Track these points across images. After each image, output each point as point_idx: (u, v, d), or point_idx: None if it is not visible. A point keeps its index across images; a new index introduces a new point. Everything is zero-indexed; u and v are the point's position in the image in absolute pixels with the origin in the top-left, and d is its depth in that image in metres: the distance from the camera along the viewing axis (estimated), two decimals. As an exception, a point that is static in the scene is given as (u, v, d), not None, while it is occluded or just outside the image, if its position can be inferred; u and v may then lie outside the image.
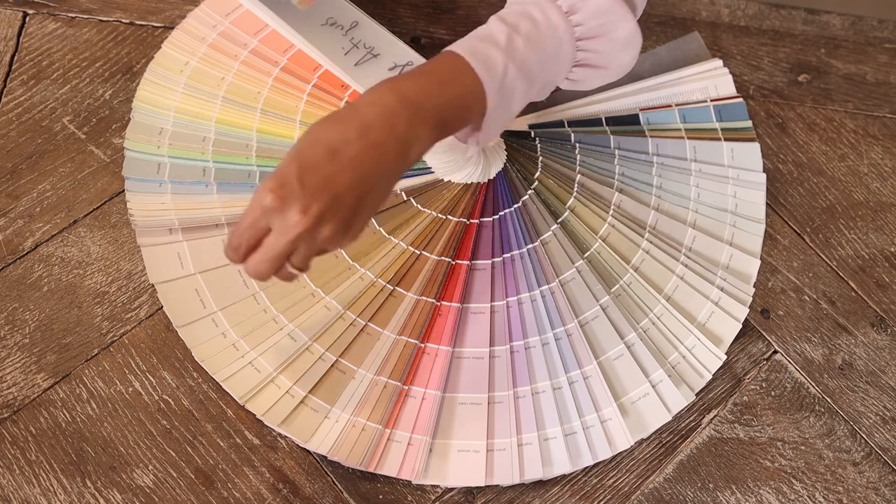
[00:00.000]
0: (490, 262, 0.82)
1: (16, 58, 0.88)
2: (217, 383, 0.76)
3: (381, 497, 0.74)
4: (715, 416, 0.79)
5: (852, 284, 0.86)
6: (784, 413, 0.80)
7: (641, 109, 0.90)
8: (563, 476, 0.76)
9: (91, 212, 0.83)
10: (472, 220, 0.84)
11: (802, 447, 0.79)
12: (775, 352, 0.82)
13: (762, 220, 0.87)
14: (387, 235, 0.82)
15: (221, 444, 0.75)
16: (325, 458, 0.75)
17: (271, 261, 0.64)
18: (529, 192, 0.86)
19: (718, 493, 0.77)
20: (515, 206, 0.85)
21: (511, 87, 0.71)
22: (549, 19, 0.71)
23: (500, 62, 0.69)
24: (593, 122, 0.89)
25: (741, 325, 0.82)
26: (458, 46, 0.70)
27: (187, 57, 0.89)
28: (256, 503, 0.73)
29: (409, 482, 0.75)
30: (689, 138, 0.89)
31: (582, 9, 0.72)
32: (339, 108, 0.67)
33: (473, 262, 0.82)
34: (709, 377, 0.80)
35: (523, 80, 0.71)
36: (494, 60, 0.69)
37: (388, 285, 0.80)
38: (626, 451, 0.77)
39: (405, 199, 0.84)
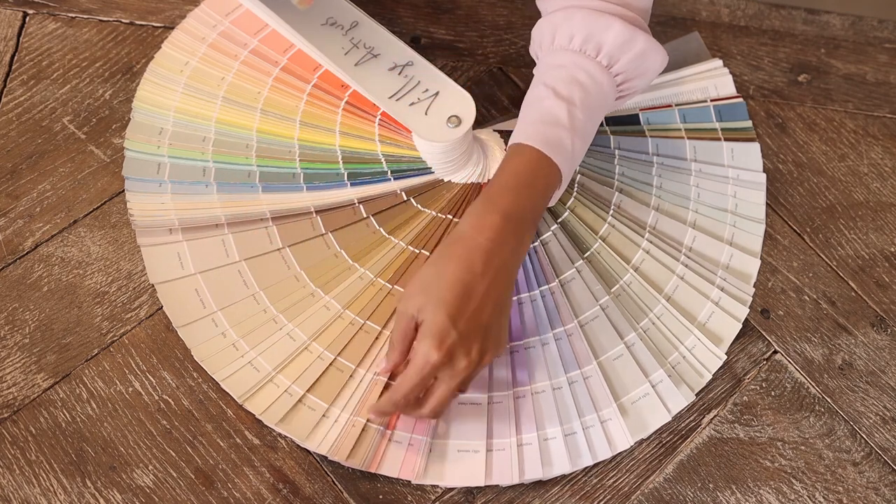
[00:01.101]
0: (490, 262, 0.82)
1: (16, 58, 0.88)
2: (217, 383, 0.76)
3: (381, 497, 0.74)
4: (715, 416, 0.79)
5: (852, 284, 0.86)
6: (784, 413, 0.80)
7: (641, 109, 0.90)
8: (563, 476, 0.76)
9: (91, 212, 0.83)
10: (472, 220, 0.84)
11: (802, 447, 0.79)
12: (775, 352, 0.82)
13: (762, 220, 0.87)
14: (387, 235, 0.82)
15: (221, 444, 0.75)
16: (325, 458, 0.75)
17: (445, 405, 0.71)
18: (529, 192, 0.86)
19: (718, 493, 0.77)
20: (515, 206, 0.85)
21: (579, 154, 0.77)
22: (595, 79, 0.76)
23: (569, 142, 0.75)
24: (593, 122, 0.89)
25: (741, 325, 0.82)
26: (529, 138, 0.74)
27: (187, 57, 0.89)
28: (256, 503, 0.73)
29: (409, 482, 0.75)
30: (689, 138, 0.89)
31: (620, 59, 0.76)
32: (444, 244, 0.73)
33: (473, 262, 0.82)
34: (709, 377, 0.80)
35: (583, 144, 0.77)
36: (564, 143, 0.75)
37: (387, 284, 0.80)
38: (626, 451, 0.77)
39: (405, 199, 0.84)
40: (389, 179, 0.85)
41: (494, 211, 0.72)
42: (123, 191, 0.83)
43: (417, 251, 0.82)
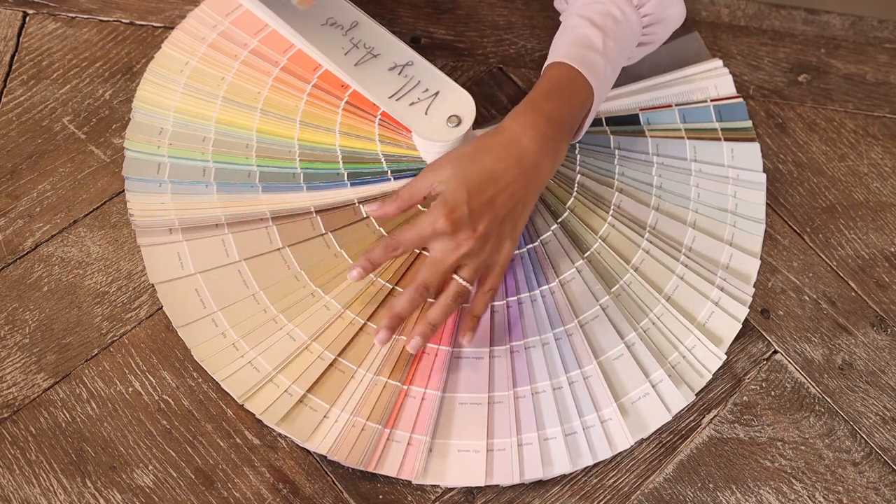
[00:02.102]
0: (490, 262, 0.82)
1: (16, 58, 0.88)
2: (217, 383, 0.76)
3: (381, 497, 0.74)
4: (715, 416, 0.79)
5: (852, 284, 0.86)
6: (784, 413, 0.80)
7: (641, 109, 0.90)
8: (563, 476, 0.76)
9: (91, 212, 0.83)
10: (472, 220, 0.84)
11: (802, 447, 0.79)
12: (775, 352, 0.82)
13: (762, 220, 0.87)
14: (387, 235, 0.82)
15: (221, 444, 0.75)
16: (325, 458, 0.75)
17: (441, 274, 0.74)
18: (529, 192, 0.86)
19: (718, 493, 0.77)
20: (515, 206, 0.85)
21: (608, 84, 0.81)
22: (627, 16, 0.81)
23: (602, 66, 0.79)
24: (593, 121, 0.89)
25: (741, 325, 0.82)
26: (567, 57, 0.78)
27: (187, 57, 0.89)
28: (256, 503, 0.73)
29: (409, 482, 0.75)
30: (689, 138, 0.89)
31: (648, 1, 0.81)
32: (489, 134, 0.76)
33: (473, 262, 0.82)
34: (709, 377, 0.80)
35: (613, 73, 0.81)
36: (598, 66, 0.79)
37: (387, 284, 0.80)
38: (626, 451, 0.77)
39: (405, 199, 0.84)
40: (389, 179, 0.85)
41: (539, 113, 0.76)
42: (123, 191, 0.83)
43: (418, 251, 0.82)
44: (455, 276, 0.75)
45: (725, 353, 0.80)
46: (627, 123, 0.89)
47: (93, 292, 0.80)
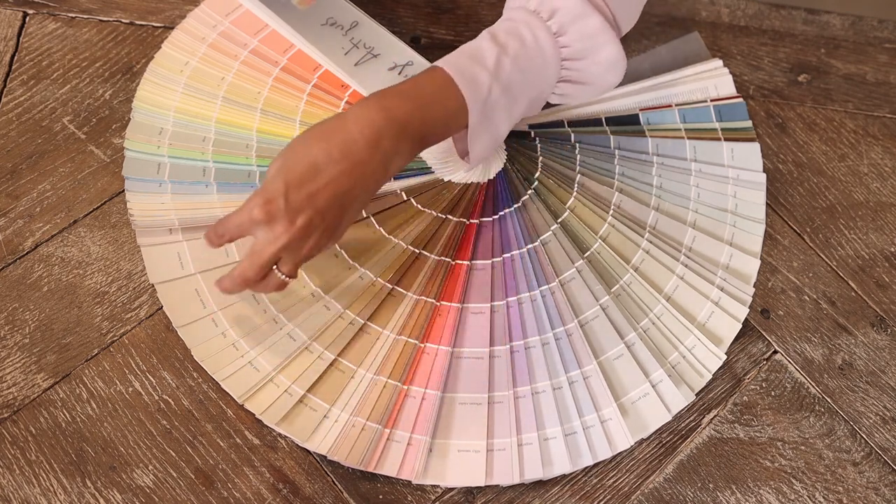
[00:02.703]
0: (490, 261, 0.82)
1: (16, 58, 0.88)
2: (217, 383, 0.76)
3: (381, 497, 0.74)
4: (715, 416, 0.79)
5: (852, 284, 0.86)
6: (784, 413, 0.80)
7: (641, 109, 0.90)
8: (563, 476, 0.76)
9: (91, 212, 0.83)
10: (471, 220, 0.84)
11: (802, 447, 0.79)
12: (775, 352, 0.82)
13: (762, 220, 0.87)
14: (387, 235, 0.82)
15: (221, 444, 0.75)
16: (325, 458, 0.75)
17: (259, 267, 0.70)
18: (529, 191, 0.86)
19: (718, 493, 0.77)
20: (515, 205, 0.85)
21: (494, 106, 0.74)
22: (538, 41, 0.75)
23: (486, 82, 0.73)
24: (593, 122, 0.89)
25: (741, 325, 0.82)
26: (447, 63, 0.73)
27: (187, 57, 0.89)
28: (256, 503, 0.73)
29: (409, 482, 0.75)
30: (689, 138, 0.89)
31: (569, 31, 0.75)
32: (328, 120, 0.71)
33: (473, 261, 0.82)
34: (709, 377, 0.80)
35: (507, 98, 0.75)
36: (480, 81, 0.73)
37: (387, 285, 0.80)
38: (626, 451, 0.77)
39: (405, 198, 0.84)
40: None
41: (380, 108, 0.70)
42: (123, 191, 0.83)
43: (418, 251, 0.82)
44: (275, 269, 0.71)
45: (725, 353, 0.80)
46: (627, 123, 0.89)
47: (93, 292, 0.80)
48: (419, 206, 0.84)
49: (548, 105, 0.88)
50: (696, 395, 0.79)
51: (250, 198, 0.69)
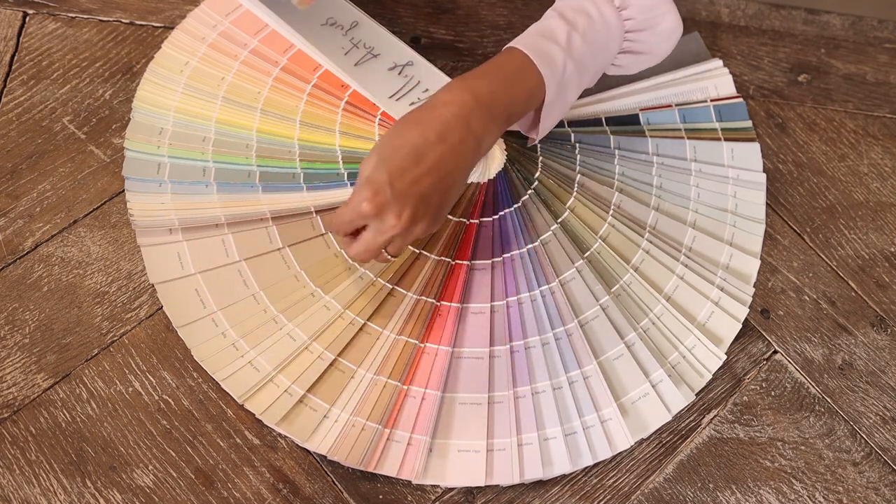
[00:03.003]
0: (490, 261, 0.82)
1: (16, 58, 0.88)
2: (217, 383, 0.76)
3: (381, 497, 0.74)
4: (715, 416, 0.79)
5: (852, 284, 0.86)
6: (784, 413, 0.80)
7: (641, 109, 0.90)
8: (563, 476, 0.76)
9: (91, 212, 0.83)
10: (472, 220, 0.84)
11: (802, 447, 0.79)
12: (775, 352, 0.82)
13: (762, 220, 0.87)
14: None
15: (221, 444, 0.75)
16: (325, 458, 0.75)
17: (370, 252, 0.73)
18: (529, 191, 0.86)
19: (718, 493, 0.77)
20: (515, 205, 0.85)
21: (567, 81, 0.77)
22: (604, 15, 0.77)
23: (560, 59, 0.75)
24: (593, 122, 0.89)
25: (741, 325, 0.82)
26: (522, 43, 0.76)
27: (187, 57, 0.89)
28: (256, 503, 0.73)
29: (409, 482, 0.75)
30: (689, 138, 0.89)
31: (632, 4, 0.78)
32: (417, 108, 0.73)
33: (473, 261, 0.82)
34: (709, 377, 0.80)
35: (578, 73, 0.77)
36: (555, 58, 0.75)
37: (387, 284, 0.80)
38: (626, 451, 0.77)
39: (405, 199, 0.84)
40: (389, 179, 0.85)
41: (467, 89, 0.73)
42: (123, 191, 0.83)
43: (418, 251, 0.82)
44: (384, 251, 0.73)
45: (725, 353, 0.80)
46: (627, 123, 0.89)
47: (93, 292, 0.80)
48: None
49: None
50: (696, 395, 0.79)
51: (356, 191, 0.71)
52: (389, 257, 0.74)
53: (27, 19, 0.90)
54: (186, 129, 0.86)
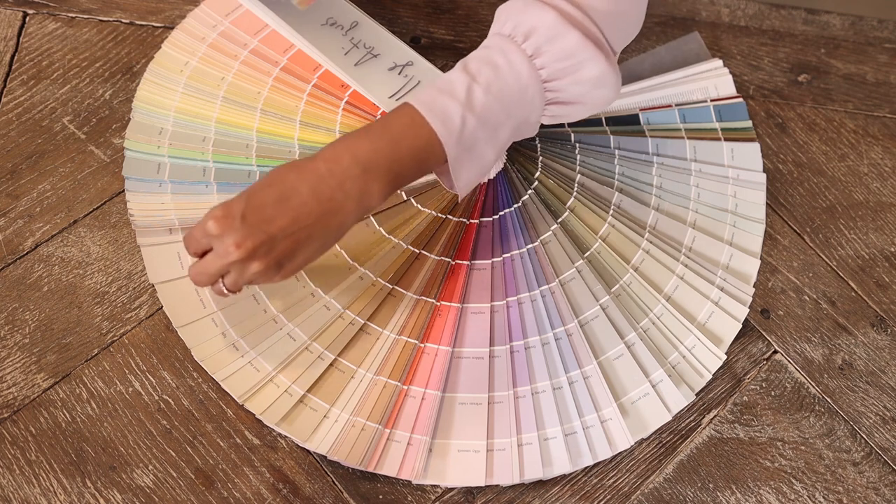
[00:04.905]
0: (490, 262, 0.82)
1: (16, 58, 0.88)
2: (217, 383, 0.76)
3: (381, 497, 0.74)
4: (715, 416, 0.79)
5: (852, 284, 0.86)
6: (784, 413, 0.80)
7: (641, 109, 0.90)
8: (563, 476, 0.76)
9: (91, 212, 0.83)
10: (471, 220, 0.84)
11: (802, 447, 0.79)
12: (775, 352, 0.82)
13: (762, 220, 0.87)
14: (387, 235, 0.82)
15: (221, 444, 0.75)
16: (325, 457, 0.75)
17: (205, 275, 0.70)
18: (529, 191, 0.86)
19: (718, 493, 0.77)
20: (515, 206, 0.85)
21: (472, 138, 0.72)
22: (513, 65, 0.73)
23: (458, 115, 0.71)
24: (593, 122, 0.89)
25: (741, 325, 0.82)
26: (417, 99, 0.72)
27: (187, 57, 0.89)
28: (256, 503, 0.73)
29: (409, 482, 0.75)
30: (689, 138, 0.89)
31: (547, 52, 0.73)
32: (304, 158, 0.71)
33: (473, 261, 0.82)
34: (709, 377, 0.80)
35: (486, 129, 0.73)
36: (451, 113, 0.71)
37: (387, 285, 0.80)
38: (626, 451, 0.77)
39: (405, 198, 0.84)
40: (389, 179, 0.85)
41: (346, 149, 0.70)
42: (123, 191, 0.83)
43: (417, 251, 0.82)
44: (220, 281, 0.70)
45: (725, 353, 0.80)
46: (627, 123, 0.89)
47: (93, 292, 0.80)
48: (419, 206, 0.84)
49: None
50: (696, 395, 0.79)
51: (211, 209, 0.69)
52: (225, 290, 0.70)
53: (27, 19, 0.90)
54: (186, 129, 0.86)
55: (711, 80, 0.91)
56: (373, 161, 0.70)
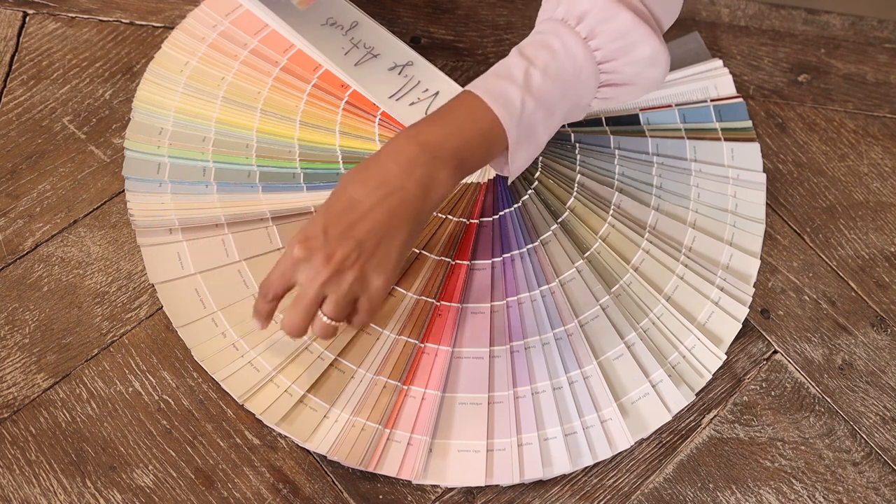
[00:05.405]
0: (490, 261, 0.82)
1: (16, 58, 0.88)
2: (217, 383, 0.76)
3: (381, 497, 0.74)
4: (715, 416, 0.79)
5: (852, 284, 0.86)
6: (784, 413, 0.80)
7: (641, 109, 0.90)
8: (563, 476, 0.76)
9: (91, 212, 0.83)
10: (471, 220, 0.84)
11: (802, 447, 0.79)
12: (775, 352, 0.82)
13: (762, 220, 0.87)
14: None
15: (221, 444, 0.75)
16: (325, 458, 0.75)
17: (303, 309, 0.69)
18: (529, 191, 0.86)
19: (718, 493, 0.77)
20: (515, 206, 0.85)
21: (531, 121, 0.73)
22: (568, 48, 0.73)
23: (518, 98, 0.72)
24: (593, 122, 0.89)
25: (741, 325, 0.82)
26: (476, 85, 0.73)
27: (187, 57, 0.89)
28: (256, 503, 0.73)
29: (409, 482, 0.75)
30: (689, 138, 0.89)
31: (601, 33, 0.73)
32: (365, 160, 0.71)
33: (473, 261, 0.82)
34: (709, 377, 0.80)
35: (543, 111, 0.73)
36: (511, 97, 0.72)
37: (387, 285, 0.80)
38: (626, 451, 0.77)
39: (405, 199, 0.84)
40: (389, 179, 0.85)
41: (412, 138, 0.70)
42: (123, 191, 0.83)
43: (418, 251, 0.82)
44: (320, 312, 0.70)
45: (725, 353, 0.80)
46: (627, 123, 0.89)
47: (93, 292, 0.80)
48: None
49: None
50: (696, 395, 0.79)
51: (290, 242, 0.69)
52: (330, 322, 0.69)
53: (27, 19, 0.90)
54: (186, 129, 0.86)
55: (711, 80, 0.91)
56: (438, 147, 0.70)
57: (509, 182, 0.80)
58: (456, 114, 0.72)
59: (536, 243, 0.83)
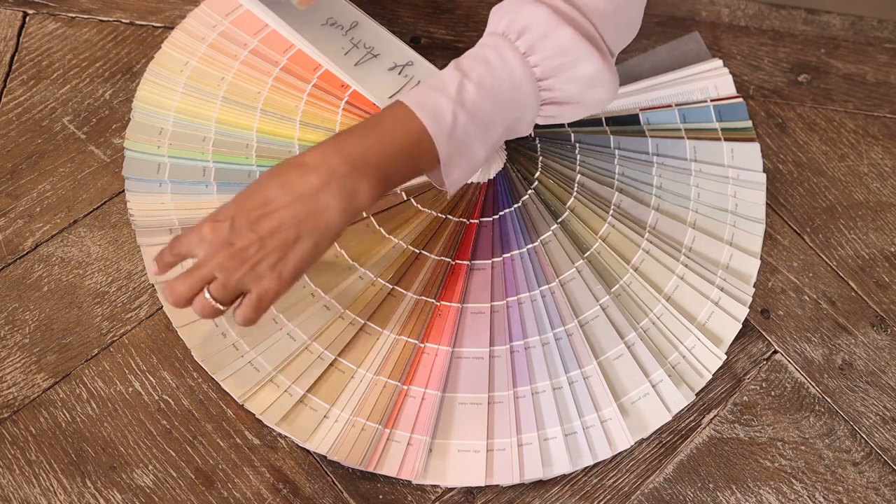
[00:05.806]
0: (490, 261, 0.82)
1: (16, 58, 0.88)
2: (217, 383, 0.76)
3: (381, 497, 0.74)
4: (715, 416, 0.79)
5: (852, 284, 0.86)
6: (784, 413, 0.80)
7: (641, 109, 0.90)
8: (563, 476, 0.76)
9: (91, 212, 0.83)
10: (472, 220, 0.84)
11: (802, 447, 0.79)
12: (775, 352, 0.82)
13: (762, 220, 0.87)
14: (387, 235, 0.82)
15: (221, 444, 0.75)
16: (325, 457, 0.75)
17: (191, 281, 0.68)
18: (529, 191, 0.86)
19: (718, 493, 0.77)
20: (515, 206, 0.85)
21: (464, 135, 0.72)
22: (506, 62, 0.72)
23: (449, 111, 0.71)
24: (593, 122, 0.89)
25: (741, 325, 0.82)
26: (408, 97, 0.71)
27: (187, 57, 0.89)
28: (256, 503, 0.73)
29: (409, 482, 0.75)
30: (689, 138, 0.89)
31: (541, 48, 0.72)
32: (290, 158, 0.70)
33: (473, 262, 0.82)
34: (709, 377, 0.80)
35: (477, 125, 0.72)
36: (442, 109, 0.71)
37: (387, 285, 0.80)
38: (626, 451, 0.77)
39: (405, 199, 0.84)
40: (389, 179, 0.85)
41: (335, 148, 0.69)
42: (123, 191, 0.83)
43: (418, 251, 0.82)
44: (204, 290, 0.69)
45: (725, 353, 0.80)
46: (627, 123, 0.89)
47: (93, 292, 0.80)
48: (419, 206, 0.84)
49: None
50: (696, 395, 0.79)
51: (203, 218, 0.69)
52: (209, 298, 0.68)
53: (27, 19, 0.90)
54: (186, 129, 0.86)
55: (711, 80, 0.91)
56: (361, 159, 0.69)
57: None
58: (385, 124, 0.71)
59: (536, 243, 0.83)
